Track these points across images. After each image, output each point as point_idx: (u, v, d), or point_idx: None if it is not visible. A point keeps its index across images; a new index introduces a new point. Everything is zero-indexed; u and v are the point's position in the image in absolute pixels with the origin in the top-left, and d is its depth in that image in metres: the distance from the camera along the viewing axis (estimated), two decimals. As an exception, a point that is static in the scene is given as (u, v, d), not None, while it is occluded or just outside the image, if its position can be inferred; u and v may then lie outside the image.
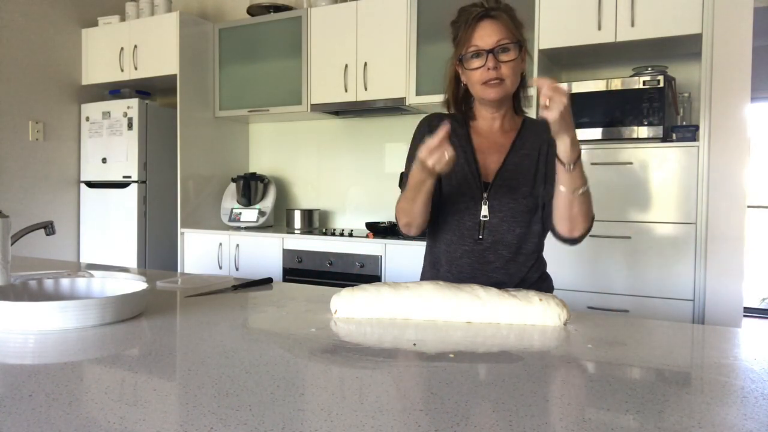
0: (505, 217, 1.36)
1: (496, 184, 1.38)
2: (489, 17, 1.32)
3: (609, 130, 2.60)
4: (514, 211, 1.36)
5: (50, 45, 3.81)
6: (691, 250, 2.42)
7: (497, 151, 1.41)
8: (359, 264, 3.05)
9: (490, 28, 1.31)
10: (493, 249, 1.37)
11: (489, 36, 1.31)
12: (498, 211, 1.36)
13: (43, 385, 0.72)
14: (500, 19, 1.32)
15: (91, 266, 1.81)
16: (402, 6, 3.16)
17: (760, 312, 5.31)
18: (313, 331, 1.02)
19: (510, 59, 1.32)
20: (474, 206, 1.38)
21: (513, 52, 1.32)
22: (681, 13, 2.46)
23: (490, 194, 1.37)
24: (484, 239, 1.37)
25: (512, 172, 1.38)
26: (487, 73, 1.32)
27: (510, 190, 1.37)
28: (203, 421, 0.62)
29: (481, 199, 1.37)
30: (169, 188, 3.84)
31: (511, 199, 1.36)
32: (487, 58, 1.31)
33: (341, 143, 3.81)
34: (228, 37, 3.76)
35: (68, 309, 1.00)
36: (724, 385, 0.76)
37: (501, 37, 1.30)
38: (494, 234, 1.37)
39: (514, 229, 1.36)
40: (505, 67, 1.32)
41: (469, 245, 1.38)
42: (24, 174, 3.69)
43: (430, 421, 0.63)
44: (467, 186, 1.39)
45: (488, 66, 1.31)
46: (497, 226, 1.37)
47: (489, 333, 1.03)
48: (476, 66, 1.33)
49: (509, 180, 1.38)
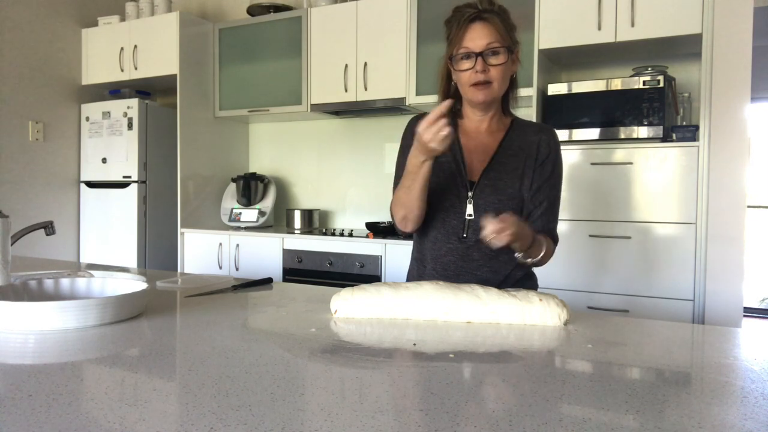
0: (489, 217, 1.38)
1: (481, 184, 1.40)
2: (481, 19, 1.33)
3: (609, 130, 2.60)
4: (499, 210, 1.37)
5: (50, 45, 3.81)
6: (691, 250, 2.42)
7: (484, 151, 1.43)
8: (359, 264, 3.05)
9: (481, 30, 1.32)
10: (477, 247, 1.39)
11: (479, 38, 1.32)
12: (482, 210, 1.38)
13: (43, 385, 0.72)
14: (492, 21, 1.33)
15: (91, 266, 1.81)
16: (402, 6, 3.16)
17: (760, 312, 5.31)
18: (313, 331, 1.02)
19: (499, 63, 1.34)
20: (459, 205, 1.40)
21: (503, 55, 1.34)
22: (681, 13, 2.46)
23: (476, 193, 1.39)
24: (468, 237, 1.39)
25: (498, 171, 1.40)
26: (475, 75, 1.34)
27: (495, 190, 1.39)
28: (203, 421, 0.62)
29: (466, 198, 1.40)
30: (169, 188, 3.84)
31: (495, 199, 1.38)
32: (476, 60, 1.32)
33: (341, 143, 3.81)
34: (228, 37, 3.76)
35: (68, 309, 1.00)
36: (724, 385, 0.76)
37: (491, 40, 1.32)
38: (478, 232, 1.37)
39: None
40: (494, 71, 1.34)
41: (454, 243, 1.40)
42: (24, 174, 3.69)
43: (430, 421, 0.63)
44: (453, 184, 1.41)
45: (476, 69, 1.33)
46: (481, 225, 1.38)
47: (489, 333, 1.03)
48: (465, 68, 1.35)
49: (495, 180, 1.39)
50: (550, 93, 2.72)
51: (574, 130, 2.67)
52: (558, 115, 2.70)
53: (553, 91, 2.72)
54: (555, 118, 2.70)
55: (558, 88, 2.71)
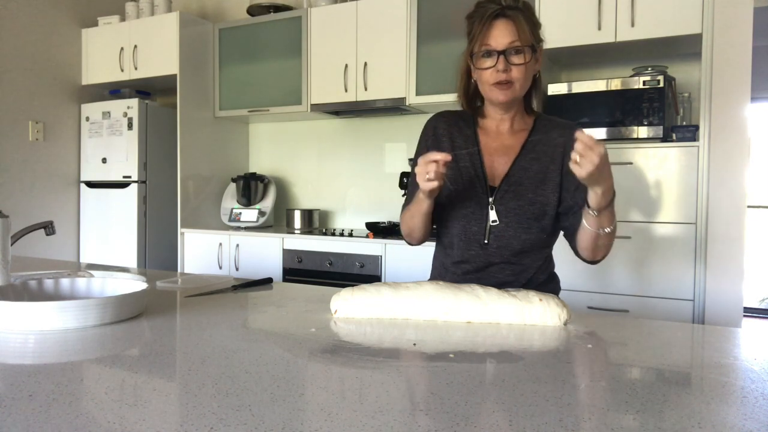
0: (510, 223, 1.34)
1: (502, 189, 1.35)
2: (505, 17, 1.28)
3: (609, 130, 2.60)
4: (520, 217, 1.34)
5: (50, 45, 3.81)
6: (691, 250, 2.42)
7: (505, 153, 1.39)
8: (359, 264, 3.05)
9: (504, 28, 1.27)
10: (499, 253, 1.36)
11: (502, 36, 1.27)
12: (504, 217, 1.34)
13: (43, 385, 0.72)
14: (516, 19, 1.28)
15: (91, 266, 1.81)
16: (402, 6, 3.16)
17: (760, 312, 5.31)
18: (313, 331, 1.02)
19: (521, 62, 1.29)
20: (480, 211, 1.36)
21: (526, 54, 1.29)
22: (681, 13, 2.46)
23: (497, 199, 1.35)
24: (490, 244, 1.36)
25: (520, 176, 1.35)
26: (497, 74, 1.29)
27: (516, 195, 1.34)
28: (203, 421, 0.62)
29: (488, 204, 1.36)
30: (169, 188, 3.84)
31: (517, 205, 1.34)
32: (498, 59, 1.28)
33: (341, 143, 3.81)
34: (228, 37, 3.76)
35: (68, 309, 1.00)
36: (724, 385, 0.76)
37: (514, 39, 1.27)
38: (500, 239, 1.35)
39: (520, 234, 1.35)
40: (516, 70, 1.29)
41: (475, 249, 1.37)
42: (24, 174, 3.69)
43: (430, 421, 0.63)
44: (473, 190, 1.37)
45: (498, 68, 1.28)
46: (503, 231, 1.35)
47: (489, 333, 1.03)
48: (487, 66, 1.30)
49: (516, 185, 1.35)
50: (551, 93, 2.72)
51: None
52: (558, 115, 2.68)
53: (553, 91, 2.72)
54: (555, 118, 2.70)
55: (558, 88, 2.71)
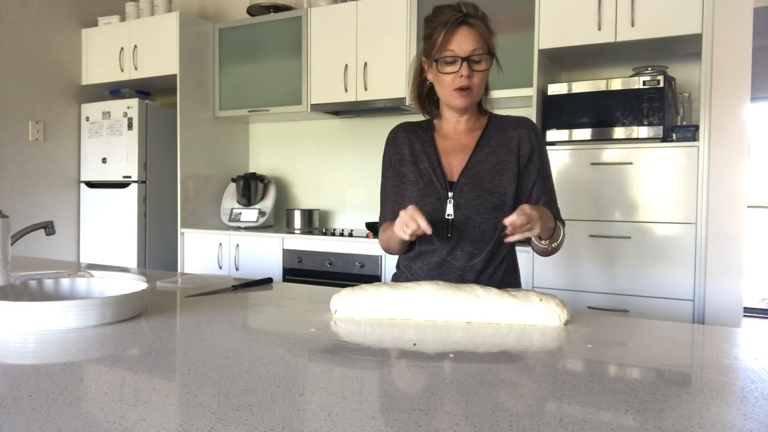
0: (470, 215, 1.40)
1: (460, 183, 1.42)
2: (467, 24, 1.34)
3: (609, 130, 2.60)
4: (479, 207, 1.40)
5: (50, 45, 3.81)
6: (691, 250, 2.42)
7: (462, 150, 1.46)
8: (359, 264, 3.05)
9: (467, 35, 1.34)
10: (461, 246, 1.41)
11: (466, 43, 1.34)
12: (464, 209, 1.40)
13: (43, 385, 0.72)
14: (477, 27, 1.35)
15: (91, 266, 1.81)
16: (402, 6, 3.16)
17: (760, 312, 5.31)
18: (313, 331, 1.02)
19: (482, 69, 1.37)
20: (441, 206, 1.42)
21: (485, 62, 1.37)
22: (681, 13, 2.46)
23: (455, 193, 1.41)
24: (452, 237, 1.41)
25: (477, 169, 1.42)
26: (459, 80, 1.36)
27: (474, 187, 1.40)
28: (203, 421, 0.62)
29: (447, 199, 1.41)
30: (169, 188, 3.84)
31: (475, 196, 1.40)
32: (462, 65, 1.34)
33: (341, 143, 3.81)
34: (228, 37, 3.76)
35: (68, 309, 1.00)
36: (724, 385, 0.76)
37: (477, 46, 1.34)
38: (461, 231, 1.41)
39: (480, 225, 1.40)
40: (477, 77, 1.37)
41: (438, 244, 1.43)
42: (24, 174, 3.69)
43: (430, 421, 0.63)
44: (433, 188, 1.43)
45: (461, 73, 1.35)
46: (464, 223, 1.41)
47: (489, 333, 1.03)
48: (449, 71, 1.36)
49: (474, 178, 1.41)
50: (550, 93, 2.72)
51: (574, 130, 2.67)
52: (558, 115, 2.70)
53: (553, 91, 2.72)
54: (555, 118, 2.71)
55: (558, 88, 2.71)
